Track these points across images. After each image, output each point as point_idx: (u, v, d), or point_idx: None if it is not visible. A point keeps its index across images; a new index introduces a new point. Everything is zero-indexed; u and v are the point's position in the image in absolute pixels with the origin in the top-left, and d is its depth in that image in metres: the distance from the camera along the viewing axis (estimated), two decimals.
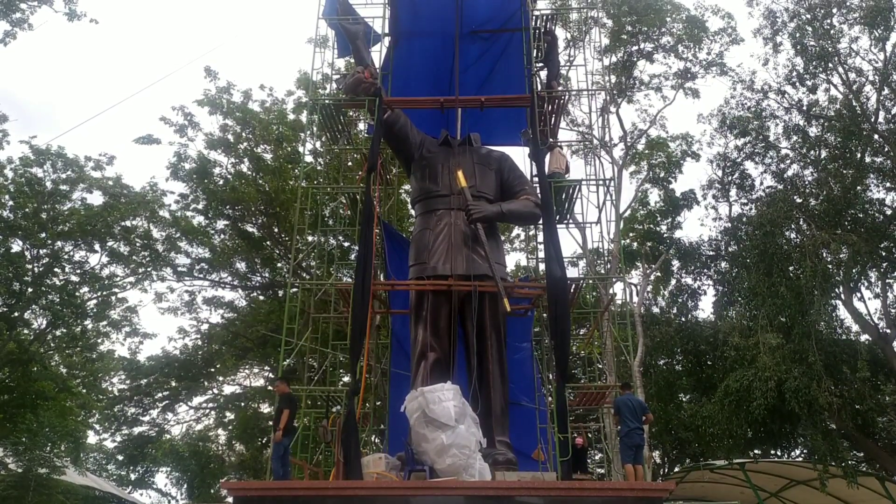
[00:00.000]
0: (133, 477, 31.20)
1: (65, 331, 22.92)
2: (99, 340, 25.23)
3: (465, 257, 9.77)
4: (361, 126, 16.44)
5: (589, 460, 16.70)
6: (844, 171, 20.87)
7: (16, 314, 21.04)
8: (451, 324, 9.75)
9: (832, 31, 21.44)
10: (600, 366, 17.53)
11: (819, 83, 22.07)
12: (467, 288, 9.58)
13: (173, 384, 26.08)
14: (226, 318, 25.51)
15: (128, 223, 22.00)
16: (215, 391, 27.98)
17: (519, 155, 12.29)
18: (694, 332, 23.31)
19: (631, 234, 25.95)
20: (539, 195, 10.09)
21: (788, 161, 22.49)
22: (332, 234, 17.33)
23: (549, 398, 10.54)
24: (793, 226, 20.76)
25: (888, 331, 21.67)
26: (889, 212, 21.21)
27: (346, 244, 19.96)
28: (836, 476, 17.05)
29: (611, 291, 16.97)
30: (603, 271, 19.85)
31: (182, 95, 65.19)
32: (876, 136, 20.80)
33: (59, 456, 19.84)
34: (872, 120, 20.94)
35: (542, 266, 10.38)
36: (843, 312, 21.41)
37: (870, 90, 21.71)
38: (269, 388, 22.76)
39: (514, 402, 10.33)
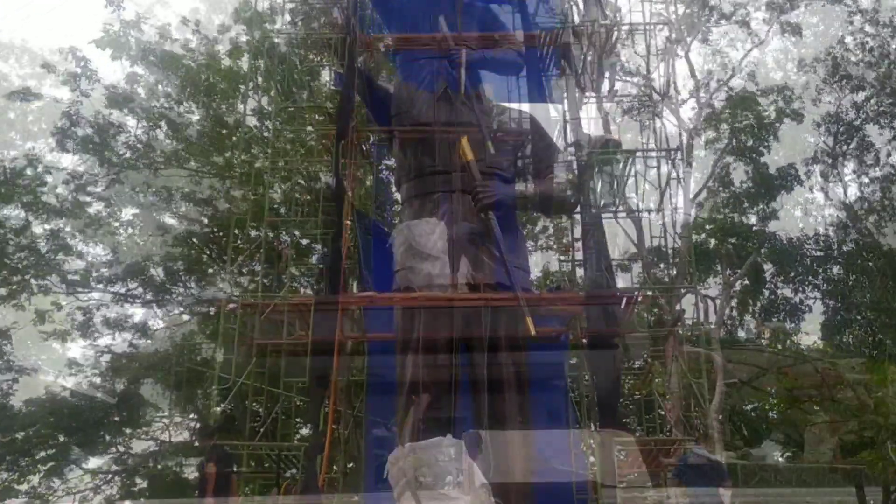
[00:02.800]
0: None
1: None
2: None
3: (472, 259, 9.83)
4: (326, 76, 16.50)
5: None
6: None
7: None
8: (453, 353, 9.80)
9: None
10: (662, 412, 17.59)
11: None
12: (475, 303, 9.63)
13: (61, 439, 26.10)
14: (135, 345, 25.55)
15: None
16: (121, 448, 28.03)
17: (546, 117, 12.30)
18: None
19: (707, 227, 25.97)
20: (575, 173, 10.15)
21: None
22: (285, 229, 17.38)
23: (591, 458, 10.59)
24: None
25: None
26: None
27: (305, 241, 20.01)
28: None
29: (678, 307, 17.03)
30: (667, 279, 19.91)
31: (73, 33, 65.21)
32: None
33: None
34: None
35: (579, 272, 10.44)
36: None
37: None
38: (197, 444, 22.81)
39: (542, 463, 10.39)
